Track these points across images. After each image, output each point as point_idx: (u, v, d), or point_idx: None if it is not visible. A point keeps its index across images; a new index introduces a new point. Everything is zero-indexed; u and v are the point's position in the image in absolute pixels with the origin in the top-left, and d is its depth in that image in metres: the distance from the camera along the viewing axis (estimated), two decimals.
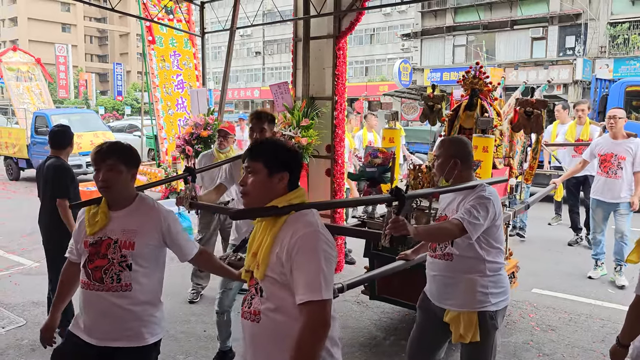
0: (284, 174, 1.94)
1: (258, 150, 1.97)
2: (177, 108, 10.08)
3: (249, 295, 1.97)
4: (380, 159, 3.91)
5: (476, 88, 4.32)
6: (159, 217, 2.42)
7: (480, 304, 2.66)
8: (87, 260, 2.36)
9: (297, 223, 1.86)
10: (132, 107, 42.48)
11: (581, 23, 24.46)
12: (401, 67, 27.21)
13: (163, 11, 9.47)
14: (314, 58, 5.89)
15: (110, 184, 2.35)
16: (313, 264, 1.79)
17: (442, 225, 2.62)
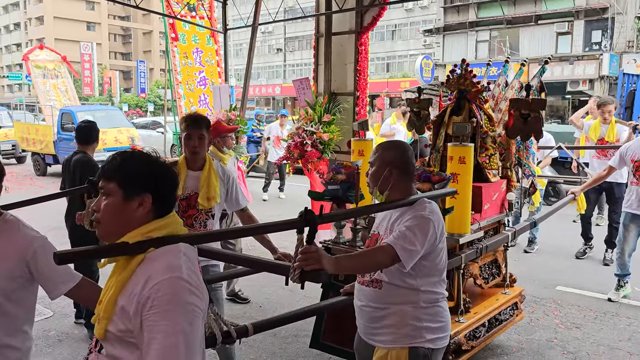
0: (145, 197, 1.51)
1: (111, 166, 1.53)
2: (199, 104, 10.14)
3: (88, 348, 1.58)
4: (343, 174, 3.23)
5: (463, 89, 3.69)
6: (23, 244, 1.96)
7: (411, 339, 2.20)
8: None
9: (153, 265, 1.44)
10: (155, 104, 42.99)
11: (608, 17, 23.97)
12: (423, 64, 27.01)
13: (186, 8, 9.55)
14: (335, 54, 5.90)
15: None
16: (170, 324, 1.36)
17: (368, 255, 2.19)
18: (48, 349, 4.14)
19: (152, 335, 1.35)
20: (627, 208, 5.09)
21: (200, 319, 1.45)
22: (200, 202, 3.11)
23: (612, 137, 6.44)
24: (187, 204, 3.14)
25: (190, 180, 3.15)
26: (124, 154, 1.56)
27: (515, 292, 3.96)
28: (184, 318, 1.38)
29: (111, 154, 1.59)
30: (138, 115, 37.27)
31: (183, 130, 3.14)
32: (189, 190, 3.14)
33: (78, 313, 4.59)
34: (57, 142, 13.77)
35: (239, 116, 6.62)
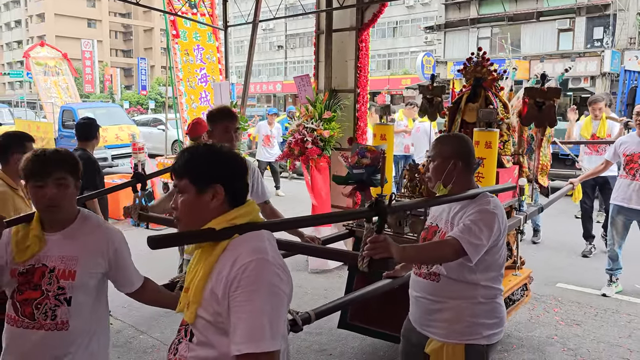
0: (217, 188, 1.54)
1: (180, 163, 1.57)
2: (200, 102, 10.15)
3: (176, 339, 1.61)
4: (368, 158, 3.35)
5: (479, 77, 3.79)
6: (111, 242, 2.05)
7: (468, 336, 2.20)
8: (16, 291, 1.96)
9: (239, 249, 1.48)
10: (156, 102, 42.97)
11: (609, 14, 23.90)
12: (424, 60, 27.02)
13: (187, 5, 9.54)
14: (336, 50, 5.89)
15: (58, 202, 1.94)
16: (256, 303, 1.41)
17: (435, 247, 2.20)
18: None
19: (238, 316, 1.40)
20: (614, 200, 5.18)
21: (285, 302, 1.48)
22: None
23: (602, 133, 6.56)
24: None
25: None
26: (191, 149, 1.59)
27: (524, 273, 4.04)
28: (269, 299, 1.42)
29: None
30: (139, 112, 37.26)
31: (217, 124, 3.20)
32: None
33: None
34: (58, 140, 13.78)
35: (240, 113, 6.61)
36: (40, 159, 1.93)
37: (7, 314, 1.97)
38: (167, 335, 4.32)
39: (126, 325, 4.53)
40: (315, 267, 5.83)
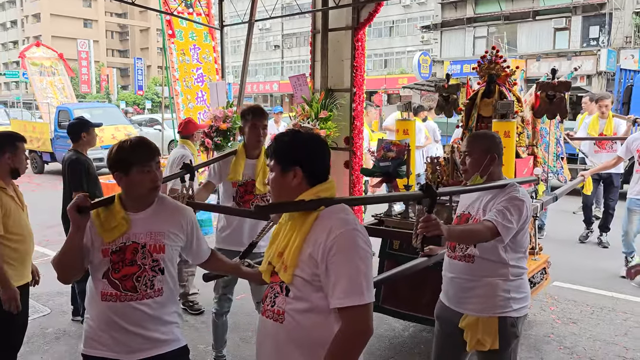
0: (296, 169, 1.79)
1: (272, 147, 1.86)
2: (197, 101, 10.13)
3: (272, 293, 1.85)
4: (394, 152, 3.64)
5: (493, 74, 4.07)
6: (185, 217, 2.28)
7: (501, 309, 2.48)
8: (111, 270, 2.13)
9: (331, 221, 1.74)
10: (152, 102, 42.89)
11: (605, 13, 23.97)
12: (421, 60, 27.00)
13: (183, 5, 9.53)
14: (332, 50, 5.87)
15: (160, 183, 2.21)
16: (353, 264, 1.68)
17: (475, 228, 2.44)
18: (45, 347, 4.14)
19: (338, 275, 1.67)
20: (632, 194, 5.53)
21: (371, 262, 1.76)
22: (258, 187, 3.40)
23: (609, 131, 6.72)
24: (245, 189, 3.45)
25: (248, 167, 3.42)
26: (281, 136, 1.88)
27: (543, 258, 4.31)
28: (363, 261, 1.70)
29: None
30: (135, 112, 37.18)
31: (247, 121, 3.38)
32: (246, 177, 3.42)
33: (75, 310, 4.59)
34: (54, 140, 13.74)
35: (236, 112, 6.60)
36: (143, 146, 2.16)
37: (103, 292, 2.12)
38: None
39: None
40: None
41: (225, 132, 6.47)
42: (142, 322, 2.14)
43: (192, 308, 4.80)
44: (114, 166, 2.15)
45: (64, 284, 2.21)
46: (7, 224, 3.04)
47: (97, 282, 2.16)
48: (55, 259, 2.12)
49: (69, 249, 2.08)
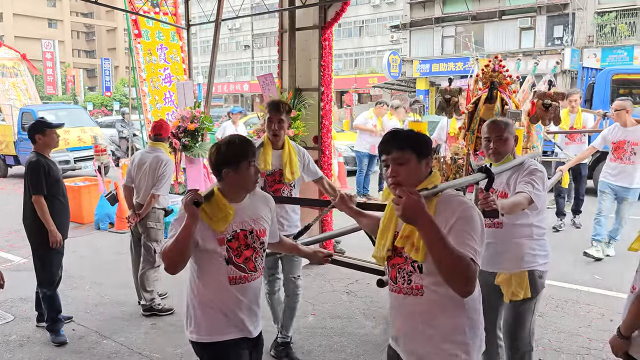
0: (428, 159, 2.08)
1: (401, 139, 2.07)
2: (164, 102, 10.00)
3: (402, 273, 2.06)
4: None
5: (495, 81, 4.40)
6: (270, 203, 2.61)
7: (529, 264, 2.94)
8: (233, 256, 2.36)
9: (452, 203, 2.01)
10: (120, 103, 42.17)
11: (569, 13, 24.54)
12: (390, 59, 27.23)
13: (149, 4, 9.39)
14: (300, 49, 5.88)
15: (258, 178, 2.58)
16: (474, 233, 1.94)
17: (517, 200, 2.79)
18: (8, 354, 4.03)
19: (463, 239, 1.90)
20: (604, 178, 6.13)
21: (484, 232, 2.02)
22: (286, 176, 3.65)
23: (579, 124, 7.34)
24: (273, 179, 3.69)
25: (275, 158, 3.66)
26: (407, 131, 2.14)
27: None
28: (479, 228, 1.97)
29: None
30: (103, 114, 36.50)
31: (266, 115, 3.64)
32: (273, 167, 3.66)
33: (40, 316, 4.48)
34: (18, 143, 13.38)
35: (204, 113, 6.54)
36: (248, 143, 2.41)
37: (231, 277, 2.36)
38: (132, 340, 4.24)
39: (90, 330, 4.43)
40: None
41: (193, 132, 6.42)
42: (258, 299, 2.48)
43: (161, 310, 4.74)
44: (224, 163, 2.33)
45: (172, 275, 2.29)
46: None
47: (220, 270, 2.35)
48: (167, 249, 2.22)
49: (183, 239, 2.20)
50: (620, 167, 6.01)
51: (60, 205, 4.18)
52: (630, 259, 5.49)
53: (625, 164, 5.97)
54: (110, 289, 5.36)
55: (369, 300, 4.99)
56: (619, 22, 23.42)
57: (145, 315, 4.69)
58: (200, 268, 2.38)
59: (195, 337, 2.39)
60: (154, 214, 4.76)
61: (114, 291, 5.29)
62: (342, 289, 5.29)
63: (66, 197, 4.30)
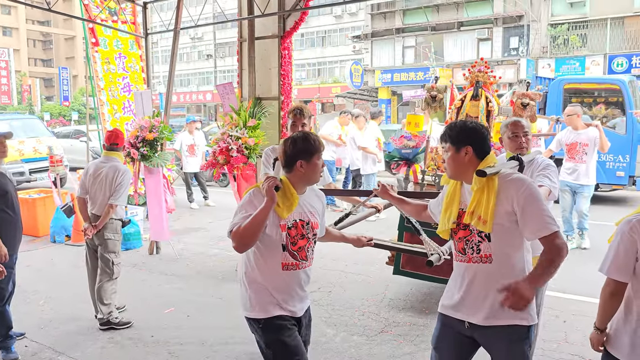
0: (467, 148, 2.39)
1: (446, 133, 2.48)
2: (123, 112, 9.83)
3: (471, 244, 2.39)
4: (414, 141, 4.90)
5: (480, 80, 4.98)
6: (322, 199, 2.82)
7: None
8: (289, 243, 2.56)
9: (513, 181, 2.34)
10: (79, 113, 41.22)
11: (524, 24, 25.34)
12: (352, 69, 27.46)
13: (107, 12, 9.25)
14: (259, 58, 5.89)
15: None
16: (541, 205, 2.28)
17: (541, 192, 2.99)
18: None
19: (532, 215, 2.26)
20: (561, 177, 6.46)
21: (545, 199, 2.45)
22: None
23: (534, 129, 7.71)
24: None
25: None
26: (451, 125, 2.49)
27: None
28: (542, 202, 2.30)
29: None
30: (61, 124, 35.59)
31: (290, 119, 3.93)
32: None
33: None
34: None
35: (163, 122, 6.46)
36: (319, 138, 2.63)
37: (284, 263, 2.56)
38: (88, 355, 4.13)
39: (43, 346, 4.29)
40: None
41: (152, 142, 6.33)
42: (306, 285, 2.69)
43: (119, 324, 4.64)
44: (298, 155, 2.55)
45: (240, 253, 2.56)
46: None
47: (276, 255, 2.56)
48: (242, 229, 2.41)
49: (262, 220, 2.43)
50: (574, 166, 6.63)
51: (7, 218, 4.03)
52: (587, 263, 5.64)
53: (578, 163, 6.60)
54: (65, 303, 5.21)
55: (331, 309, 5.00)
56: (571, 34, 24.33)
57: (103, 329, 4.57)
58: (259, 251, 2.58)
59: (249, 313, 2.62)
60: (111, 225, 4.66)
61: (69, 305, 5.15)
62: None
63: (16, 210, 4.15)
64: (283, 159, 2.61)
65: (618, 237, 2.24)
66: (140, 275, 6.16)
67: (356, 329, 4.51)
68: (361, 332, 4.48)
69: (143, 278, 6.05)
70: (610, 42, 23.56)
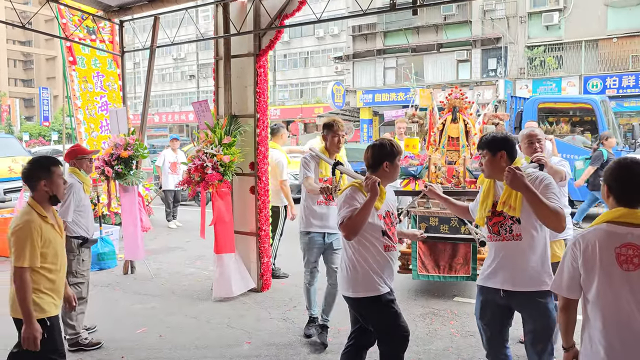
0: (502, 153, 2.99)
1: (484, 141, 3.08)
2: (101, 130, 9.77)
3: (505, 226, 2.97)
4: (417, 160, 5.74)
5: (456, 106, 5.72)
6: (394, 196, 3.50)
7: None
8: (387, 229, 3.13)
9: (536, 177, 2.97)
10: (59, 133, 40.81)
11: (501, 46, 25.84)
12: (334, 89, 27.68)
13: (85, 31, 9.23)
14: (235, 76, 5.90)
15: None
16: (553, 191, 2.88)
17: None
18: None
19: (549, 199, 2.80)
20: None
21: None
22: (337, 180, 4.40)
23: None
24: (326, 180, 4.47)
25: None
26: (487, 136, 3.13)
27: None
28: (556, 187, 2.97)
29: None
30: (41, 144, 35.19)
31: (330, 132, 4.50)
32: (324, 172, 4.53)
33: None
34: None
35: (138, 140, 6.42)
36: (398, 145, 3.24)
37: (386, 245, 3.11)
38: None
39: None
40: (219, 295, 5.70)
41: (127, 160, 6.27)
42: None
43: (88, 345, 4.53)
44: (385, 157, 3.12)
45: (349, 241, 3.08)
46: (46, 255, 2.97)
47: (378, 240, 3.10)
48: (353, 219, 2.95)
49: (368, 210, 2.97)
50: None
51: None
52: None
53: None
54: None
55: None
56: (547, 56, 24.85)
57: (71, 350, 4.46)
58: (363, 237, 3.05)
59: (357, 294, 3.09)
60: (67, 244, 4.53)
61: None
62: (279, 316, 5.23)
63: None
64: (370, 161, 3.15)
65: (565, 254, 2.31)
66: (114, 295, 6.05)
67: (331, 346, 4.47)
68: (336, 349, 4.42)
69: (116, 298, 5.94)
70: (585, 64, 24.11)
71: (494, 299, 3.04)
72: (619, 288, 2.12)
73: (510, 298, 2.97)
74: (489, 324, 3.16)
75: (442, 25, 27.07)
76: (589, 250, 2.17)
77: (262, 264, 5.95)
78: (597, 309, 2.17)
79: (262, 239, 5.92)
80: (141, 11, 6.81)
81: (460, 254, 5.28)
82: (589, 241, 2.18)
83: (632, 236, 2.12)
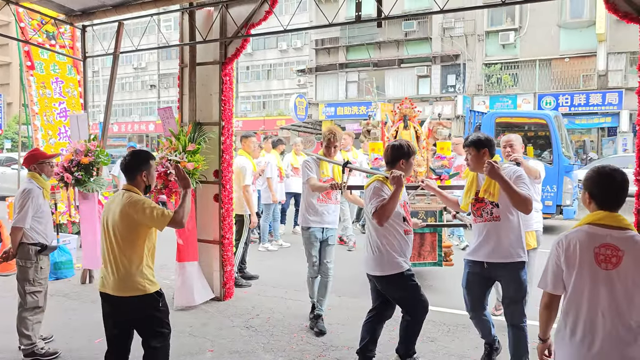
0: (485, 150, 3.73)
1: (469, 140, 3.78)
2: (59, 137, 9.53)
3: (486, 210, 3.72)
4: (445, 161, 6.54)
5: (407, 114, 6.48)
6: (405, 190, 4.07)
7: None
8: (406, 216, 3.77)
9: (510, 169, 3.68)
10: (12, 141, 39.41)
11: (460, 63, 26.56)
12: (297, 102, 27.78)
13: (44, 36, 9.03)
14: (200, 84, 5.90)
15: None
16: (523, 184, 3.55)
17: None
18: None
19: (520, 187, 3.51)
20: None
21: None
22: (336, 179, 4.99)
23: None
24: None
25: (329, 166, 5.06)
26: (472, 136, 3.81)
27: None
28: (527, 178, 3.66)
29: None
30: None
31: (325, 140, 4.96)
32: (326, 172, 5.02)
33: None
34: None
35: (99, 146, 6.31)
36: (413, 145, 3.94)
37: (406, 230, 3.75)
38: None
39: None
40: (180, 305, 5.63)
41: (88, 166, 6.16)
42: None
43: (44, 355, 4.40)
44: (401, 156, 3.76)
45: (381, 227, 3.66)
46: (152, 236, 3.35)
47: (400, 225, 3.72)
48: (385, 207, 3.54)
49: (397, 200, 3.58)
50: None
51: None
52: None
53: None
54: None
55: (269, 334, 4.94)
56: (504, 73, 25.69)
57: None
58: (388, 224, 3.63)
59: (384, 272, 3.72)
60: (22, 250, 4.37)
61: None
62: (242, 324, 5.21)
63: None
64: (389, 158, 3.77)
65: (550, 253, 2.46)
66: (71, 304, 5.89)
67: (294, 353, 4.48)
68: (299, 356, 4.44)
69: (74, 307, 5.79)
70: (539, 82, 25.03)
71: (478, 271, 3.81)
72: (595, 285, 2.29)
73: (491, 269, 3.73)
74: (472, 291, 3.90)
75: (403, 41, 27.65)
76: (570, 249, 2.34)
77: (225, 272, 5.92)
78: (573, 303, 2.34)
79: (226, 247, 5.89)
80: (105, 16, 6.73)
81: (427, 242, 6.12)
82: (571, 241, 2.35)
83: (611, 237, 2.30)
